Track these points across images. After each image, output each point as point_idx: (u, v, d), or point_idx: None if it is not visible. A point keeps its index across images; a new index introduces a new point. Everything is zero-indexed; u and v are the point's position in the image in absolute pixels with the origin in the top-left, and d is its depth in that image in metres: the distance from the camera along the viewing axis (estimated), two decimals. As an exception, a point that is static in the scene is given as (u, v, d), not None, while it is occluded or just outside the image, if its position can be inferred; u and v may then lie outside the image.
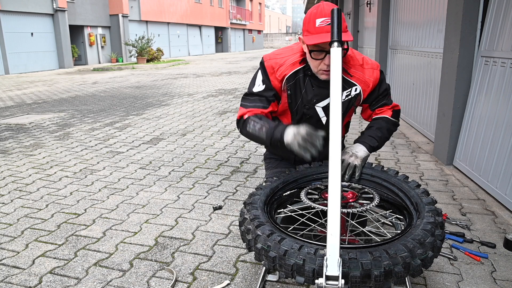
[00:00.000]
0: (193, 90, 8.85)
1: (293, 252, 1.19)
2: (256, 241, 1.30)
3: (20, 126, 5.30)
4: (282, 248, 1.21)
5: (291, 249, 1.20)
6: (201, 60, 22.65)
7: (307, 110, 1.81)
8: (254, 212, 1.42)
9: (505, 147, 2.48)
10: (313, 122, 1.83)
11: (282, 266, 1.21)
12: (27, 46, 16.11)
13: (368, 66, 1.78)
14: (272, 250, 1.23)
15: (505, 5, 2.65)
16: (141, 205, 2.60)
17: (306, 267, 1.16)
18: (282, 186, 1.68)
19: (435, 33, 3.90)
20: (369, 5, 7.14)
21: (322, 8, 1.59)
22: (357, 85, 1.77)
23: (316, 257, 1.16)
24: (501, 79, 2.62)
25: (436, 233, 1.27)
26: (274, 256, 1.22)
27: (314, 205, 1.49)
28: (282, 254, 1.20)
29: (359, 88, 1.77)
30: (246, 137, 1.80)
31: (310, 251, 1.17)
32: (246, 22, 40.45)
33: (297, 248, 1.20)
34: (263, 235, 1.29)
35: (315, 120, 1.84)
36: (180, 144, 4.16)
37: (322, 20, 1.57)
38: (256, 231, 1.32)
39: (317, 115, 1.83)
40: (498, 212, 2.35)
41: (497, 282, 1.69)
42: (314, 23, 1.59)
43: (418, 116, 4.41)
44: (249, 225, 1.37)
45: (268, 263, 1.25)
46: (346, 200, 1.54)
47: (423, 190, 1.51)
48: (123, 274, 1.81)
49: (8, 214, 2.50)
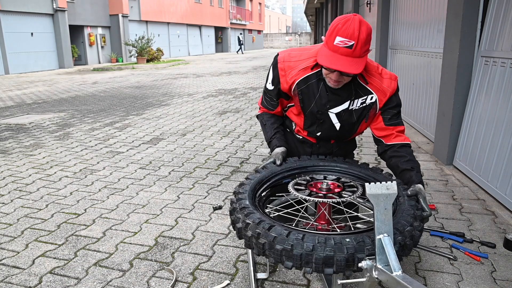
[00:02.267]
0: (193, 90, 8.85)
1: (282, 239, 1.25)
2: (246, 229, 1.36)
3: (20, 126, 5.30)
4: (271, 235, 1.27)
5: (279, 235, 1.26)
6: (201, 60, 22.65)
7: (320, 115, 1.78)
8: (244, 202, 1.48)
9: (505, 147, 2.48)
10: (326, 127, 1.81)
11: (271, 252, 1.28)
12: (27, 46, 16.10)
13: (386, 76, 1.72)
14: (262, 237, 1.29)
15: (505, 5, 2.65)
16: (141, 205, 2.60)
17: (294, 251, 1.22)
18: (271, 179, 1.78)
19: (435, 33, 3.90)
20: (369, 5, 7.14)
21: (349, 25, 1.47)
22: (374, 94, 1.70)
23: (303, 242, 1.23)
24: (501, 79, 2.62)
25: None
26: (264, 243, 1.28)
27: (303, 196, 1.54)
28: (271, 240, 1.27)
29: (375, 96, 1.71)
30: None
31: (298, 237, 1.24)
32: (246, 22, 40.45)
33: (285, 234, 1.26)
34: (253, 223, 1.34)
35: (328, 125, 1.80)
36: (180, 144, 4.16)
37: (341, 40, 1.48)
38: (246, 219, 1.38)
39: (330, 120, 1.78)
40: (498, 212, 2.35)
41: (497, 282, 1.69)
42: (333, 39, 1.50)
43: (418, 116, 4.41)
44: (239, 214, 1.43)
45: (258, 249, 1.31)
46: (332, 191, 1.58)
47: (387, 174, 1.71)
48: (123, 274, 1.81)
49: (8, 214, 2.50)
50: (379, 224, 1.16)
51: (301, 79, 1.72)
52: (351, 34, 1.46)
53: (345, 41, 1.47)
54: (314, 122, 1.82)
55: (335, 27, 1.50)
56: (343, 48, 1.48)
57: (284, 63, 1.75)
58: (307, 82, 1.72)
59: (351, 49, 1.48)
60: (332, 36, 1.51)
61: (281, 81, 1.76)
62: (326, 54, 1.54)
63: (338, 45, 1.49)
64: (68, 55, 17.97)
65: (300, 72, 1.72)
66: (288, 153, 1.96)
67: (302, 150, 1.95)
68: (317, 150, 1.93)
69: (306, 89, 1.73)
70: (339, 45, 1.48)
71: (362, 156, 3.54)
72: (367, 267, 1.19)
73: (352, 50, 1.48)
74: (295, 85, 1.74)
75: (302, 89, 1.74)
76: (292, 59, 1.75)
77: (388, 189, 1.16)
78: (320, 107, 1.75)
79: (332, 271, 1.20)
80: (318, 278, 1.75)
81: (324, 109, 1.75)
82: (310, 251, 1.20)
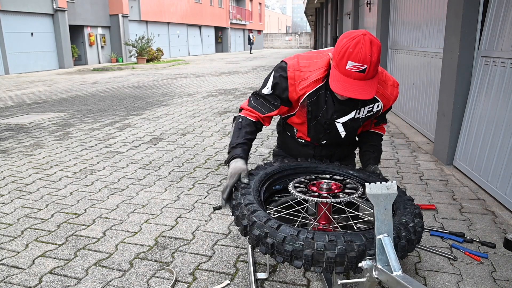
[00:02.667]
0: (193, 90, 8.85)
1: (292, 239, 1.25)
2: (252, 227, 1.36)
3: (20, 126, 5.30)
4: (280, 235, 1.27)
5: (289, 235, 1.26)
6: (201, 60, 22.65)
7: (327, 126, 1.76)
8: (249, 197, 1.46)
9: (505, 147, 2.48)
10: (332, 136, 1.80)
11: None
12: (27, 46, 16.09)
13: (390, 83, 1.71)
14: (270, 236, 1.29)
15: (505, 5, 2.65)
16: (141, 205, 2.60)
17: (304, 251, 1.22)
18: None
19: (435, 33, 3.90)
20: (369, 5, 7.14)
21: (361, 49, 1.41)
22: (380, 102, 1.70)
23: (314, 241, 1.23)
24: (501, 79, 2.62)
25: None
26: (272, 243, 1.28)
27: (304, 197, 1.53)
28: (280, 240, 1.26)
29: (381, 104, 1.71)
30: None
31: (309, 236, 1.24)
32: (246, 22, 40.45)
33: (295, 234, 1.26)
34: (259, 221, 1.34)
35: (334, 134, 1.79)
36: (180, 144, 4.16)
37: (354, 65, 1.43)
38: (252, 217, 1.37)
39: (336, 129, 1.77)
40: (498, 212, 2.35)
41: (497, 282, 1.69)
42: (345, 63, 1.45)
43: (418, 116, 4.41)
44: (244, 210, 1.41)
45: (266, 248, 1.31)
46: (333, 191, 1.58)
47: (378, 173, 1.77)
48: (123, 274, 1.81)
49: (8, 214, 2.50)
50: (379, 224, 1.17)
51: (312, 91, 1.66)
52: (363, 59, 1.42)
53: (358, 66, 1.43)
54: (319, 131, 1.80)
55: (346, 51, 1.44)
56: (356, 73, 1.44)
57: (294, 72, 1.66)
58: (317, 94, 1.67)
59: (364, 73, 1.44)
60: (343, 60, 1.45)
61: (290, 90, 1.68)
62: (338, 79, 1.49)
63: (351, 70, 1.44)
64: (68, 55, 17.97)
65: (312, 83, 1.65)
66: (288, 155, 1.97)
67: (303, 153, 1.93)
68: (319, 152, 1.91)
69: (316, 100, 1.68)
70: (352, 70, 1.44)
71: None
72: (367, 267, 1.19)
73: (365, 74, 1.45)
74: (305, 97, 1.68)
75: (312, 101, 1.69)
76: (303, 69, 1.67)
77: (388, 189, 1.16)
78: (327, 118, 1.73)
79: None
80: (318, 278, 1.75)
81: (331, 119, 1.73)
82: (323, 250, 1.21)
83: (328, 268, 1.21)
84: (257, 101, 1.76)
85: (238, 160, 1.62)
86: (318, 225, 1.62)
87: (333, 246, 1.20)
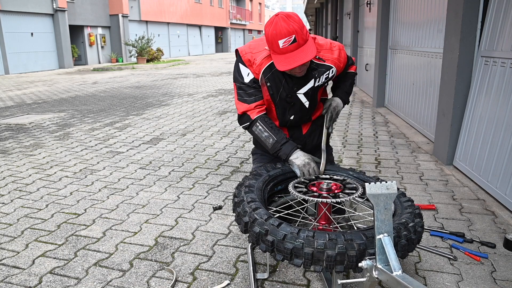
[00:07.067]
0: (193, 90, 8.85)
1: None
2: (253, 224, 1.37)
3: (20, 126, 5.30)
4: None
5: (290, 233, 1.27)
6: (201, 60, 22.65)
7: (290, 99, 1.91)
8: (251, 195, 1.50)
9: (505, 147, 2.48)
10: (297, 108, 1.95)
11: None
12: (27, 46, 16.10)
13: (335, 48, 1.92)
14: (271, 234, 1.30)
15: (505, 5, 2.65)
16: (141, 205, 2.60)
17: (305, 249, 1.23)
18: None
19: (435, 33, 3.90)
20: (369, 5, 7.14)
21: (280, 26, 1.59)
22: (333, 67, 1.91)
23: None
24: (501, 79, 2.62)
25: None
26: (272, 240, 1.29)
27: (304, 197, 1.55)
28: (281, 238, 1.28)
29: (334, 69, 1.93)
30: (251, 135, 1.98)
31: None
32: (246, 22, 40.45)
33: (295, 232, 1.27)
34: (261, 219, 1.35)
35: (299, 106, 1.95)
36: (180, 144, 4.16)
37: (284, 41, 1.60)
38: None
39: (300, 101, 1.93)
40: (498, 212, 2.35)
41: (497, 282, 1.69)
42: (277, 44, 1.62)
43: (418, 116, 4.41)
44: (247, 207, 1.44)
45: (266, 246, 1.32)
46: (333, 191, 1.59)
47: (377, 178, 1.85)
48: (123, 274, 1.81)
49: (8, 214, 2.50)
50: (379, 224, 1.17)
51: (266, 67, 1.81)
52: (287, 32, 1.59)
53: (287, 40, 1.60)
54: (285, 107, 1.93)
55: (271, 35, 1.62)
56: (290, 46, 1.60)
57: (246, 54, 1.85)
58: (272, 69, 1.82)
59: (297, 42, 1.61)
60: (274, 44, 1.63)
61: (251, 71, 1.84)
62: (280, 59, 1.65)
63: (285, 46, 1.61)
64: (68, 55, 17.97)
65: (263, 61, 1.81)
66: (263, 151, 2.12)
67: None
68: (291, 135, 2.07)
69: (272, 76, 1.83)
70: (286, 46, 1.61)
71: (362, 156, 3.54)
72: (367, 267, 1.19)
73: (298, 42, 1.61)
74: (261, 74, 1.82)
75: (269, 77, 1.83)
76: (252, 50, 1.84)
77: (388, 189, 1.16)
78: (289, 91, 1.87)
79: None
80: (318, 278, 1.75)
81: (292, 91, 1.88)
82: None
83: (328, 267, 1.21)
84: (250, 92, 1.88)
85: (299, 151, 1.81)
86: (318, 225, 1.62)
87: (333, 244, 1.20)
